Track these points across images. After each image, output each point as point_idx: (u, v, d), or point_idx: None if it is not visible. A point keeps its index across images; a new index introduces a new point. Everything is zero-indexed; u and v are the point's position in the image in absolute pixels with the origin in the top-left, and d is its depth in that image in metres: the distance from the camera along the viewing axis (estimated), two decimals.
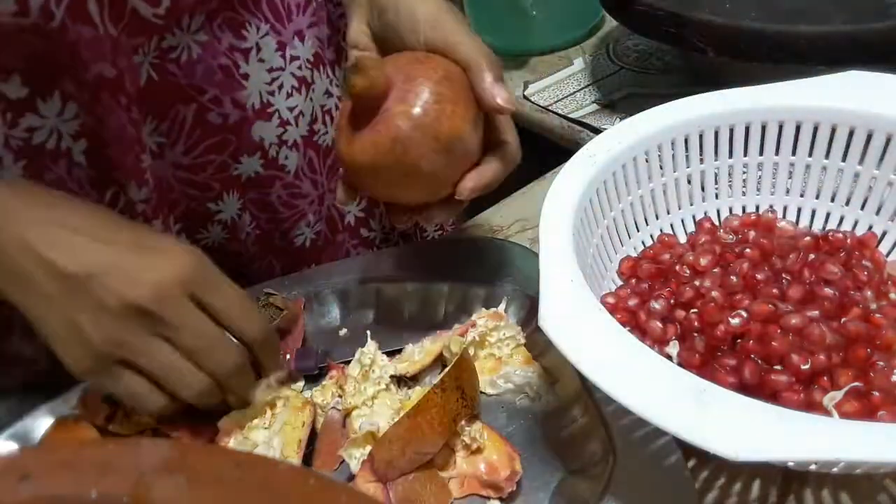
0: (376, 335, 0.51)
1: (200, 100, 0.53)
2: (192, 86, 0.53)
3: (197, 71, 0.53)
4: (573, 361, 0.35)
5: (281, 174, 0.60)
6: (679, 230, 0.53)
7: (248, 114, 0.56)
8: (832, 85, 0.49)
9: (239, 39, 0.54)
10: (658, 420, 0.32)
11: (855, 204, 0.50)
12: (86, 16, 0.45)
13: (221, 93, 0.54)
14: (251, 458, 0.19)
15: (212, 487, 0.18)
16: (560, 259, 0.41)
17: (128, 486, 0.17)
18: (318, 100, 0.62)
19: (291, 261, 0.64)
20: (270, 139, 0.58)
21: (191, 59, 0.52)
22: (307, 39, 0.59)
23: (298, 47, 0.58)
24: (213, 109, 0.54)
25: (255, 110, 0.56)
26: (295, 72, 0.58)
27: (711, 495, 0.42)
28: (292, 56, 0.58)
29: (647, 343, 0.44)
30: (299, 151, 0.61)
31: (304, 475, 0.19)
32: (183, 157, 0.55)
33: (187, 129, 0.54)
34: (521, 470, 0.42)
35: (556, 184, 0.46)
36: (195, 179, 0.56)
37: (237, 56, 0.54)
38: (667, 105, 0.50)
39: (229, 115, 0.55)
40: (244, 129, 0.56)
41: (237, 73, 0.55)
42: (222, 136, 0.56)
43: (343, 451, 0.44)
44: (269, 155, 0.59)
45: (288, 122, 0.59)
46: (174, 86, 0.52)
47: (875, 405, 0.38)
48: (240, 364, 0.45)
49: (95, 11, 0.46)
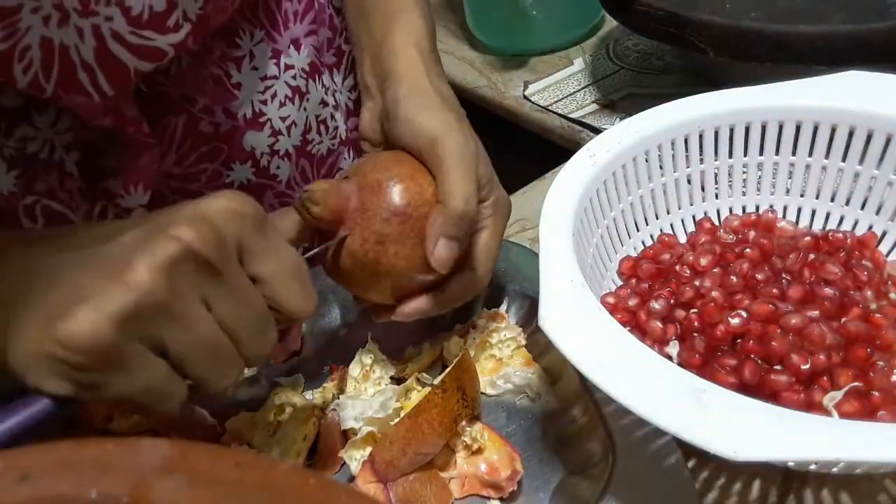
0: (376, 336, 0.51)
1: (191, 109, 0.53)
2: (183, 96, 0.52)
3: (187, 80, 0.52)
4: (573, 361, 0.35)
5: (273, 183, 0.60)
6: (679, 230, 0.53)
7: (239, 123, 0.55)
8: (832, 85, 0.49)
9: (231, 48, 0.54)
10: (657, 420, 0.32)
11: (855, 204, 0.50)
12: (78, 86, 0.45)
13: (212, 102, 0.53)
14: (251, 458, 0.19)
15: (212, 487, 0.18)
16: (560, 259, 0.41)
17: (128, 486, 0.17)
18: (313, 109, 0.61)
19: None
20: (262, 149, 0.58)
21: (181, 69, 0.52)
22: (303, 48, 0.58)
23: (294, 56, 0.58)
24: (205, 119, 0.54)
25: (246, 120, 0.56)
26: (289, 81, 0.58)
27: (711, 495, 0.42)
28: (287, 65, 0.57)
29: (647, 343, 0.44)
30: (291, 161, 0.60)
31: (304, 475, 0.19)
32: (175, 166, 0.54)
33: (178, 139, 0.53)
34: (522, 470, 0.42)
35: (556, 183, 0.46)
36: (188, 188, 0.56)
37: (229, 65, 0.54)
38: (667, 105, 0.50)
39: (220, 124, 0.54)
40: (235, 138, 0.56)
41: (228, 82, 0.54)
42: (214, 145, 0.55)
43: (343, 453, 0.44)
44: (260, 164, 0.58)
45: (280, 131, 0.58)
46: (164, 96, 0.52)
47: (875, 405, 0.38)
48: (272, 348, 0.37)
49: (87, 80, 0.45)
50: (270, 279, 0.35)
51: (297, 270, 0.37)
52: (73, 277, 0.32)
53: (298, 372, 0.52)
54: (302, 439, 0.46)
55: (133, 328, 0.31)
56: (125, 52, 0.46)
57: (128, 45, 0.45)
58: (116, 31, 0.45)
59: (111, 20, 0.44)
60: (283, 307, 0.36)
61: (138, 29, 0.45)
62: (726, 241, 0.49)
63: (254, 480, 0.18)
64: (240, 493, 0.18)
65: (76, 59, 0.44)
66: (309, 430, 0.46)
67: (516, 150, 0.80)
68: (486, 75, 0.91)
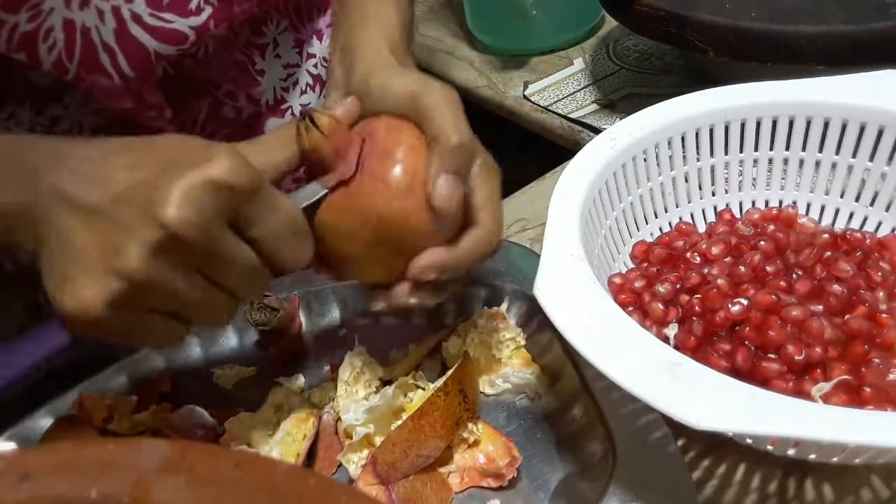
0: (376, 336, 0.51)
1: (215, 93, 0.54)
2: (208, 80, 0.53)
3: (213, 65, 0.52)
4: (559, 328, 0.36)
5: None
6: (699, 220, 0.53)
7: (262, 109, 0.56)
8: (864, 83, 0.48)
9: (256, 35, 0.54)
10: (629, 386, 0.33)
11: (880, 205, 0.50)
12: (100, 67, 0.46)
13: (236, 87, 0.54)
14: (251, 458, 0.19)
15: (212, 487, 0.18)
16: (564, 233, 0.41)
17: (128, 486, 0.17)
18: None
19: None
20: None
21: (207, 53, 0.52)
22: (325, 38, 0.59)
23: (316, 45, 0.59)
24: (228, 103, 0.54)
25: (268, 106, 0.57)
26: (310, 69, 0.58)
27: (709, 491, 0.42)
28: (309, 53, 0.58)
29: (647, 324, 0.44)
30: None
31: (303, 475, 0.19)
32: None
33: (201, 122, 0.54)
34: (520, 456, 0.43)
35: (572, 164, 0.46)
36: None
37: (253, 52, 0.55)
38: (693, 95, 0.50)
39: (243, 109, 0.55)
40: (257, 123, 0.56)
41: (252, 68, 0.55)
42: (236, 130, 0.56)
43: (341, 457, 0.44)
44: None
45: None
46: (189, 79, 0.52)
47: (864, 400, 0.38)
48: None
49: (108, 62, 0.46)
50: (265, 240, 0.37)
51: (293, 227, 0.38)
52: (79, 243, 0.35)
53: (298, 372, 0.52)
54: (301, 439, 0.46)
55: (126, 305, 0.34)
56: (144, 33, 0.47)
57: (147, 28, 0.47)
58: (136, 14, 0.46)
59: (131, 2, 0.46)
60: (279, 262, 0.38)
61: (158, 11, 0.47)
62: (744, 233, 0.49)
63: (254, 480, 0.18)
64: (240, 493, 0.18)
65: (97, 41, 0.45)
66: (308, 430, 0.46)
67: (516, 151, 0.80)
68: (486, 75, 0.91)
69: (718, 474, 0.43)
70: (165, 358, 0.54)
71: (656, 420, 0.40)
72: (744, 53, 0.63)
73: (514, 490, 0.42)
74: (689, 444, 0.44)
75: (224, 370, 0.52)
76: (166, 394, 0.52)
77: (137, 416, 0.48)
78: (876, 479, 0.42)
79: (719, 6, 0.68)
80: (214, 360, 0.54)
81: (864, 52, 0.59)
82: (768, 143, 0.51)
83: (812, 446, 0.36)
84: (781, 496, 0.41)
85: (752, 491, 0.42)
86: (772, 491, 0.42)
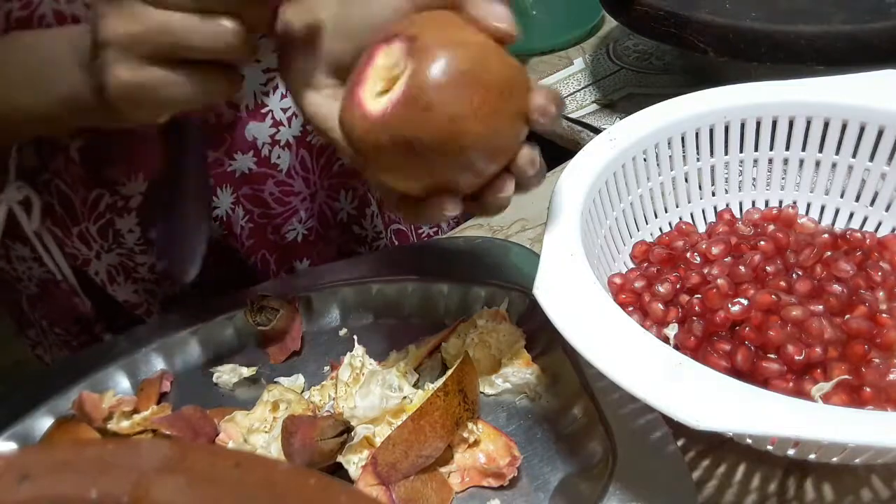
0: (376, 335, 0.51)
1: None
2: None
3: None
4: (559, 328, 0.36)
5: (273, 172, 0.61)
6: (699, 220, 0.53)
7: (241, 114, 0.56)
8: (864, 83, 0.48)
9: None
10: (629, 386, 0.33)
11: (880, 205, 0.50)
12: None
13: None
14: (251, 458, 0.19)
15: (212, 487, 0.18)
16: (564, 232, 0.41)
17: (128, 486, 0.17)
18: None
19: (284, 255, 0.65)
20: (263, 139, 0.59)
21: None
22: None
23: None
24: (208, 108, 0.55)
25: (248, 111, 0.57)
26: None
27: (710, 490, 0.42)
28: None
29: (647, 324, 0.44)
30: (291, 151, 0.61)
31: (304, 475, 0.19)
32: None
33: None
34: (520, 455, 0.43)
35: (572, 164, 0.46)
36: None
37: None
38: (693, 94, 0.50)
39: (223, 114, 0.55)
40: (237, 128, 0.57)
41: None
42: (216, 135, 0.56)
43: (341, 458, 0.44)
44: (261, 154, 0.59)
45: (281, 122, 0.59)
46: None
47: (864, 400, 0.38)
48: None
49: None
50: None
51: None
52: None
53: (298, 372, 0.52)
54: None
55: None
56: None
57: None
58: None
59: None
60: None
61: None
62: (744, 233, 0.49)
63: (254, 480, 0.18)
64: (240, 493, 0.18)
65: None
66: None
67: None
68: None
69: (718, 474, 0.43)
70: (165, 358, 0.54)
71: (656, 420, 0.40)
72: (744, 53, 0.63)
73: (514, 490, 0.42)
74: (689, 444, 0.44)
75: (224, 370, 0.52)
76: (166, 394, 0.52)
77: (137, 416, 0.48)
78: (876, 479, 0.42)
79: (719, 6, 0.68)
80: (214, 360, 0.54)
81: (864, 52, 0.60)
82: (768, 143, 0.51)
83: (812, 446, 0.36)
84: (781, 496, 0.41)
85: (752, 491, 0.42)
86: (772, 491, 0.42)
